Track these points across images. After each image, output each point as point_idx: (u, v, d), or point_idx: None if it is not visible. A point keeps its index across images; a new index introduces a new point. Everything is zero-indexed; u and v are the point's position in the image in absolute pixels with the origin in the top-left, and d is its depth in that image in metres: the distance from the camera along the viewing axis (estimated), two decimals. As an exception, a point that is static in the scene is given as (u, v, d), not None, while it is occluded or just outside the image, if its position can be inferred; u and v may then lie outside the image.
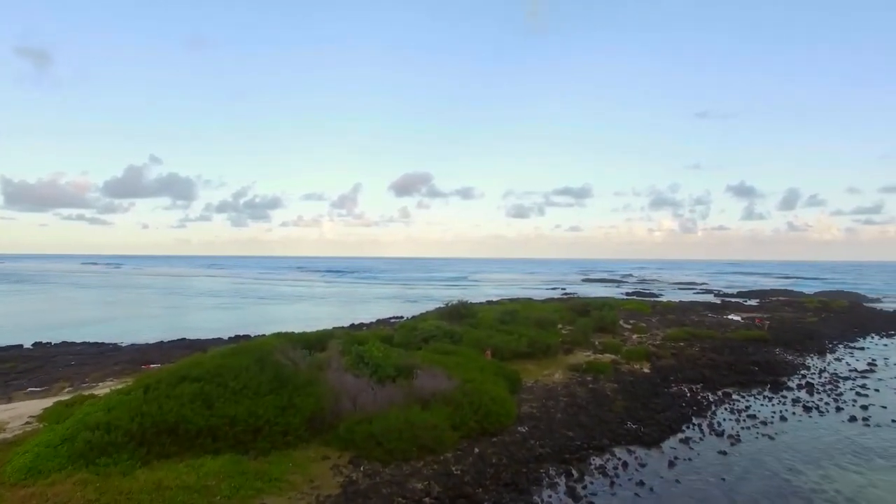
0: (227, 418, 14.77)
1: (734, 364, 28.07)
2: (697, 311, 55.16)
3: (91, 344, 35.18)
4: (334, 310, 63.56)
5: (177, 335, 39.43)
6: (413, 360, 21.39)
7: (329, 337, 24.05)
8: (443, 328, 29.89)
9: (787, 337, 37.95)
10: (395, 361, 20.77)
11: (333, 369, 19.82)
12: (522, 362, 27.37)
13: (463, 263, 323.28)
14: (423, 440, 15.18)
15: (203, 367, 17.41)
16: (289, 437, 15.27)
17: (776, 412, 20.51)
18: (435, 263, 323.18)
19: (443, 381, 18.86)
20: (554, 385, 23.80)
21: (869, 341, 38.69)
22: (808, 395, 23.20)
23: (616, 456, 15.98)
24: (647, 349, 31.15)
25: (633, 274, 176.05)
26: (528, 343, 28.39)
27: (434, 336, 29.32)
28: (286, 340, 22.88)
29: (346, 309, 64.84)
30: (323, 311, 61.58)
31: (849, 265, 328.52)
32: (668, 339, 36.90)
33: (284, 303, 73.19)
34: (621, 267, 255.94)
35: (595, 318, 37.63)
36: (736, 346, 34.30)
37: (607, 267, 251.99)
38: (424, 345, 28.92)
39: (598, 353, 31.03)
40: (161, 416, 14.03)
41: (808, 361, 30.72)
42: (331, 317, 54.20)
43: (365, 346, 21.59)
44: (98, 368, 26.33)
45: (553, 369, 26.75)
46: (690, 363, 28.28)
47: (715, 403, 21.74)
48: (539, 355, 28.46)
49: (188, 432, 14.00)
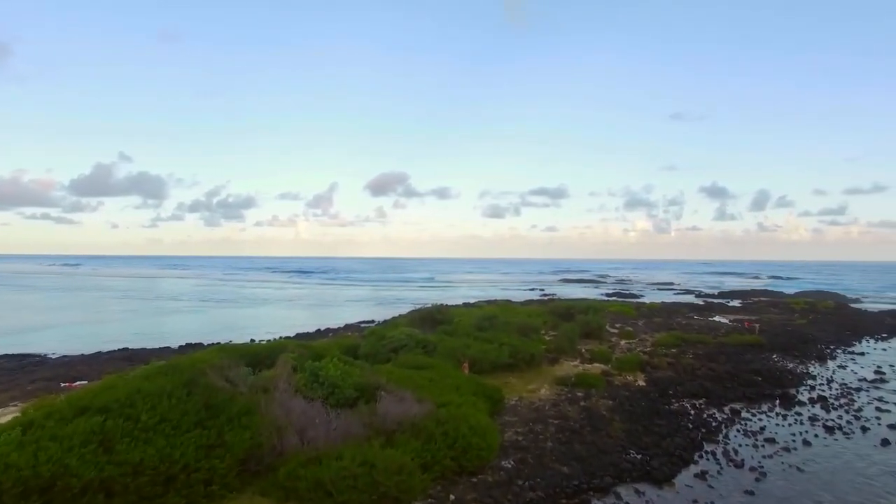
0: (129, 466, 11.31)
1: (735, 374, 25.52)
2: (682, 314, 53.05)
3: (13, 356, 30.82)
4: (301, 314, 59.76)
5: (119, 344, 35.36)
6: (378, 378, 18.20)
7: (281, 349, 20.64)
8: (415, 336, 26.72)
9: (782, 341, 35.80)
10: (357, 380, 17.57)
11: (281, 391, 16.49)
12: (504, 375, 24.37)
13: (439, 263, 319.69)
14: (386, 487, 11.98)
15: (115, 392, 13.96)
16: (213, 487, 11.92)
17: (796, 434, 17.88)
18: (411, 264, 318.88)
19: (412, 405, 15.72)
20: (541, 403, 20.84)
21: (865, 345, 36.81)
22: (824, 411, 20.70)
23: (622, 499, 13.04)
24: (639, 357, 28.46)
25: (610, 274, 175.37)
26: (510, 353, 25.42)
27: (405, 346, 26.13)
28: (229, 355, 19.40)
29: (313, 313, 61.08)
30: (288, 316, 57.74)
31: (816, 265, 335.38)
32: (659, 344, 34.37)
33: (248, 306, 68.95)
34: (597, 267, 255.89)
35: (581, 323, 34.89)
36: (731, 353, 31.92)
37: (583, 267, 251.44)
38: (394, 356, 25.71)
39: (586, 362, 28.23)
40: (33, 470, 10.49)
41: (812, 369, 28.43)
42: (296, 322, 50.52)
43: (321, 362, 18.27)
44: (8, 387, 22.37)
45: (538, 383, 23.80)
46: (689, 374, 25.64)
47: (725, 424, 19.02)
48: (522, 367, 25.51)
49: (69, 489, 10.50)
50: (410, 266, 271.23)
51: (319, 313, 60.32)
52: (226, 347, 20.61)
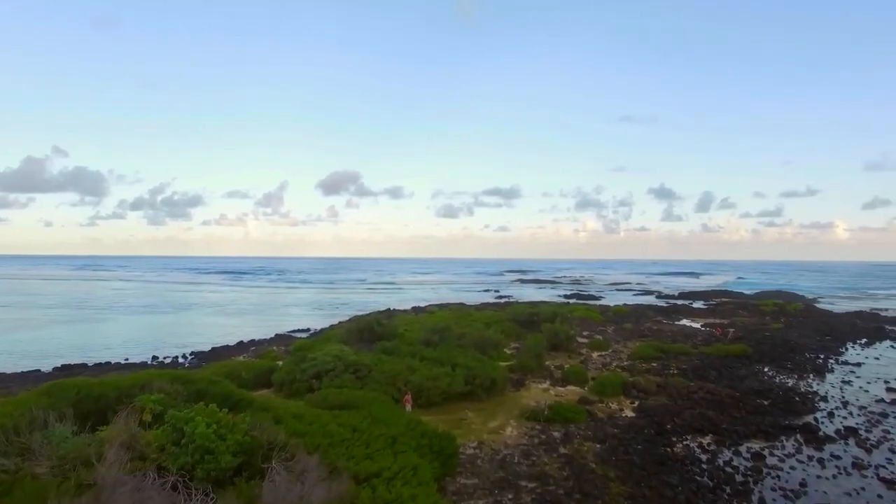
0: None
1: (738, 398, 21.07)
2: (650, 317, 49.18)
3: None
4: (227, 322, 52.47)
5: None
6: (275, 432, 12.40)
7: (143, 386, 14.48)
8: (346, 357, 20.98)
9: (768, 350, 32.06)
10: (239, 440, 11.71)
11: (109, 465, 10.55)
12: (459, 407, 18.98)
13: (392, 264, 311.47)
14: None
15: None
16: None
17: (853, 494, 13.21)
18: (364, 264, 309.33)
19: (317, 487, 10.09)
20: (508, 451, 15.54)
21: (853, 352, 33.53)
22: (862, 450, 16.39)
23: None
24: (620, 377, 23.65)
25: (564, 274, 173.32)
26: (465, 378, 20.04)
27: (331, 370, 20.35)
28: (55, 400, 13.16)
29: (243, 320, 53.93)
30: (211, 324, 50.43)
31: (755, 264, 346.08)
32: (636, 356, 29.85)
33: (168, 313, 60.82)
34: (549, 267, 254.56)
35: (547, 333, 29.90)
36: (719, 366, 27.74)
37: (535, 267, 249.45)
38: (317, 384, 19.92)
39: (558, 383, 23.23)
40: None
41: (815, 386, 24.45)
42: (216, 332, 43.53)
43: (192, 411, 12.25)
44: None
45: (503, 417, 18.51)
46: (685, 399, 20.97)
47: (751, 476, 14.29)
48: (481, 395, 20.18)
49: None
50: (363, 266, 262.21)
51: (249, 321, 53.31)
52: (57, 387, 14.24)
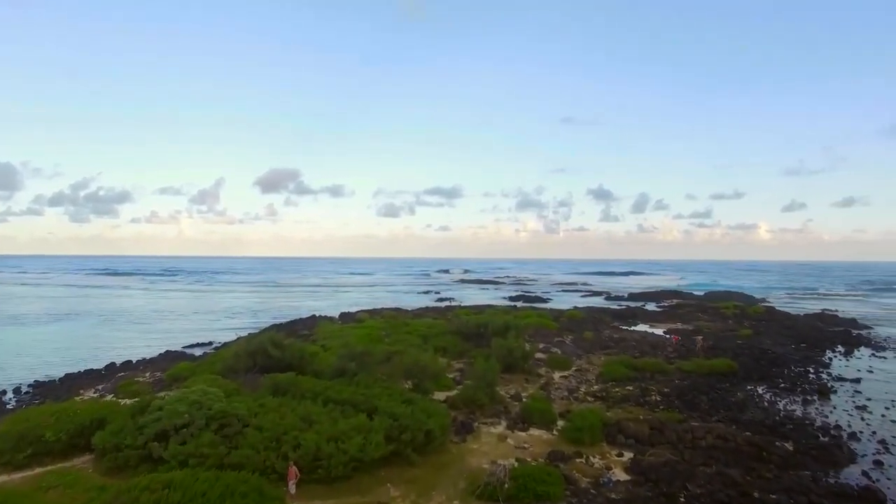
0: None
1: (759, 444, 15.67)
2: (607, 323, 44.31)
3: None
4: (119, 333, 43.45)
5: None
6: None
7: None
8: (209, 402, 14.07)
9: (749, 363, 27.54)
10: None
11: None
12: (376, 481, 12.59)
13: (331, 264, 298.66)
14: None
15: None
16: None
17: None
18: (302, 264, 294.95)
19: None
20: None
21: (839, 364, 29.64)
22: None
23: None
24: (597, 413, 17.89)
25: (508, 274, 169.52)
26: (388, 431, 13.63)
27: (185, 426, 13.42)
28: None
29: (134, 332, 44.96)
30: (94, 336, 41.36)
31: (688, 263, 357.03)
32: (607, 377, 24.45)
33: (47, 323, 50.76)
34: (491, 266, 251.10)
35: (499, 352, 23.88)
36: (706, 387, 22.83)
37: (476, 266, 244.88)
38: (161, 448, 12.96)
39: (517, 426, 17.22)
40: None
41: (827, 413, 19.97)
42: (92, 348, 34.90)
43: None
44: None
45: (443, 497, 12.25)
46: (691, 447, 15.42)
47: None
48: (412, 456, 13.80)
49: None
50: (301, 267, 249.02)
51: (148, 331, 44.57)
52: None
